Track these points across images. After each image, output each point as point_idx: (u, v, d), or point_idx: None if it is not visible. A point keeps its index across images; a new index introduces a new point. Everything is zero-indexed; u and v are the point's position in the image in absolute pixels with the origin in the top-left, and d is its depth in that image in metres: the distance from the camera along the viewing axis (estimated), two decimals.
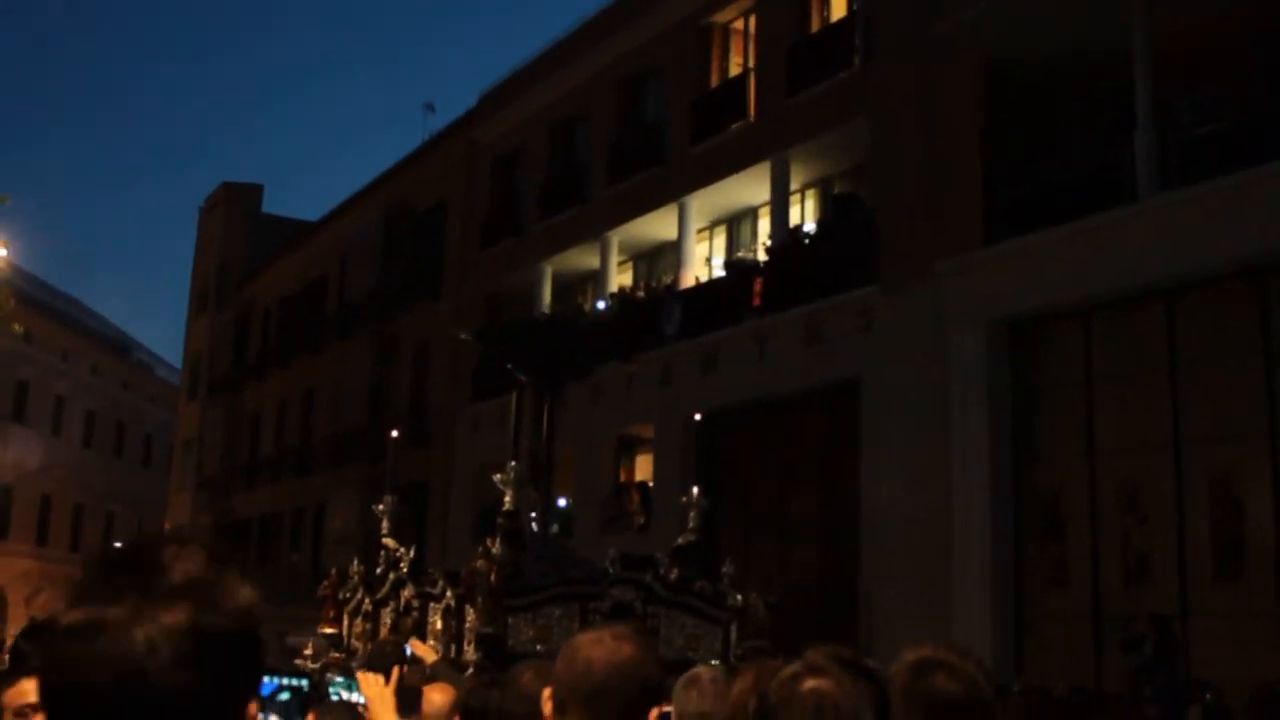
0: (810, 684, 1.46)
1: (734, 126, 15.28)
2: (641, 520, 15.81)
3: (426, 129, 42.72)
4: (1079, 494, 10.51)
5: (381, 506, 7.18)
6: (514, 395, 6.38)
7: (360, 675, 3.04)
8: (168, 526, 30.14)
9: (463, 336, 15.55)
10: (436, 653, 5.51)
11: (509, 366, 7.58)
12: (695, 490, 6.96)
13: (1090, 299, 10.48)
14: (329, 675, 6.08)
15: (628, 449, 17.35)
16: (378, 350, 23.47)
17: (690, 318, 15.24)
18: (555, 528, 9.06)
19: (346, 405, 24.30)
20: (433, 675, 4.12)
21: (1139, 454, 10.14)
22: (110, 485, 38.11)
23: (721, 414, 14.53)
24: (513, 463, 6.30)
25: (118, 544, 1.94)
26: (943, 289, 11.58)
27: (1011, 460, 10.89)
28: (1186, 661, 9.15)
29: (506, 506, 6.28)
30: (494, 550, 6.18)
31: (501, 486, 6.31)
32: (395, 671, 3.04)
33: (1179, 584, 9.67)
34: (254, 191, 34.01)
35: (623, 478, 17.34)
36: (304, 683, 5.84)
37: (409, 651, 5.02)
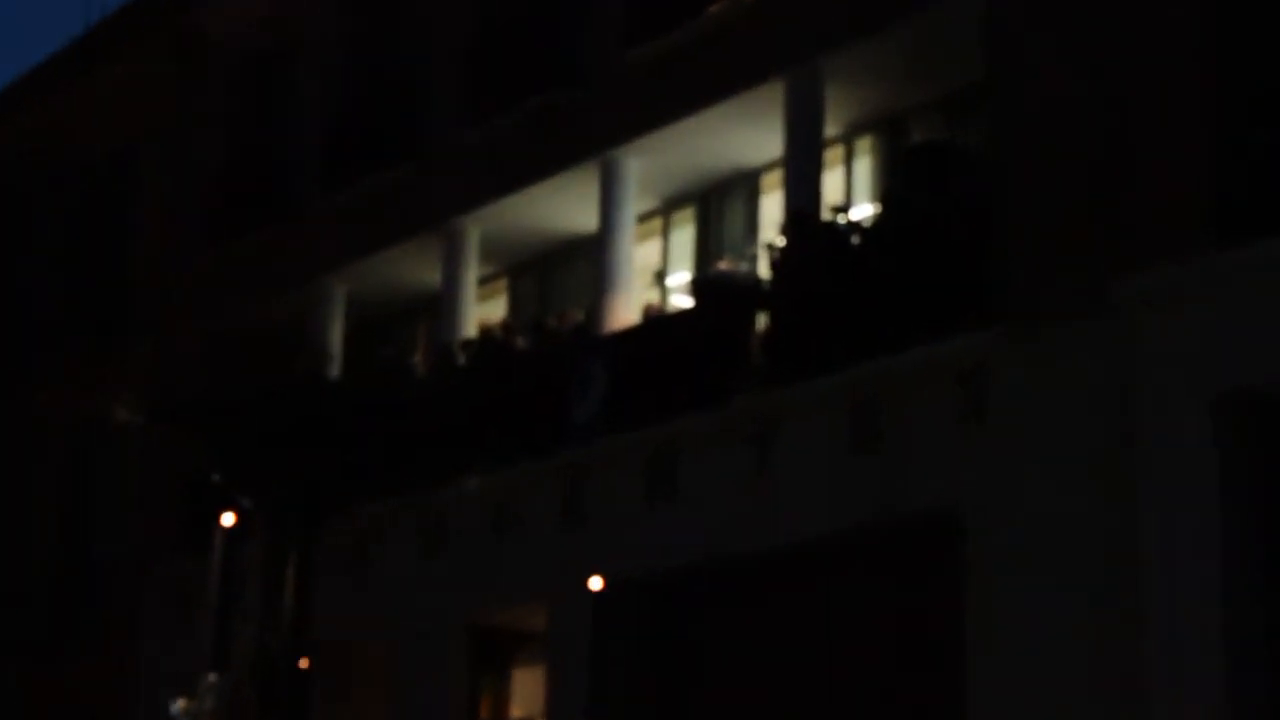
0: None
1: (710, 9, 15.73)
2: None
3: (98, 6, 43.25)
4: None
5: None
6: (217, 535, 6.20)
7: None
8: None
9: (122, 416, 16.33)
10: None
11: (213, 478, 8.49)
12: None
13: None
14: None
15: (492, 655, 17.48)
16: None
17: (622, 390, 15.46)
18: None
19: None
20: None
21: None
22: None
23: (685, 580, 14.63)
24: (211, 675, 7.00)
25: None
26: (1131, 334, 11.88)
27: (1266, 658, 11.14)
28: None
29: None
30: None
31: None
32: None
33: None
34: None
35: (484, 713, 17.46)
36: None
37: None
